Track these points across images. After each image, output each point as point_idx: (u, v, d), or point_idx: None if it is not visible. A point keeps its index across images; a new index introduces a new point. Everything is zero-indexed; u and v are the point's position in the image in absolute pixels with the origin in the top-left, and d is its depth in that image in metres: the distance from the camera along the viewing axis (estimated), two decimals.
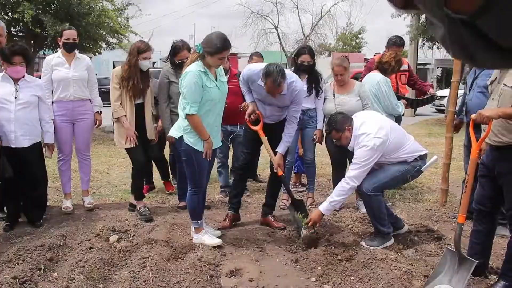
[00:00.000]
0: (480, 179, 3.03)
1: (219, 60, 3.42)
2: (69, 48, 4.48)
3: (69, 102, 4.49)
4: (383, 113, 4.40)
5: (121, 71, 4.22)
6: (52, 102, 4.46)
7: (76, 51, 4.58)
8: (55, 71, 4.44)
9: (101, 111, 4.69)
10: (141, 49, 4.20)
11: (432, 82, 24.69)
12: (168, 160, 5.39)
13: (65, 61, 4.47)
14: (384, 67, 4.64)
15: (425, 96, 5.27)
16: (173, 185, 5.36)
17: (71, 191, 4.81)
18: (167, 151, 5.40)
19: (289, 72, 3.85)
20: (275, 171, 3.97)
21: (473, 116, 2.86)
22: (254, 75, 3.82)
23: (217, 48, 3.35)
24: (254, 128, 3.96)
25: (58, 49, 13.29)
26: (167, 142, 4.61)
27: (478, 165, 3.02)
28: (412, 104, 5.12)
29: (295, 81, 3.80)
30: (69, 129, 4.58)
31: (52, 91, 4.47)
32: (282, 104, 3.91)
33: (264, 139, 3.94)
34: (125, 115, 4.22)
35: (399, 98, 4.97)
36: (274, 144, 3.95)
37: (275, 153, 3.94)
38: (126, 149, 4.37)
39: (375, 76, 4.63)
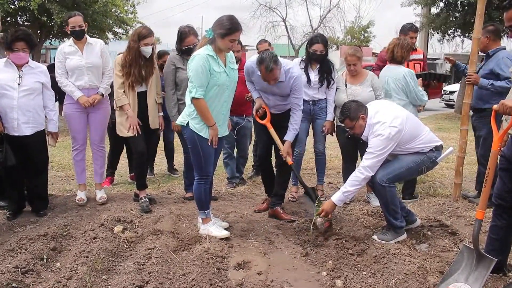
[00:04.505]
0: (500, 172, 2.90)
1: (229, 43, 3.32)
2: (77, 35, 4.29)
3: (84, 91, 4.34)
4: (408, 106, 4.30)
5: (123, 59, 4.12)
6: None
7: (87, 37, 4.37)
8: (68, 60, 4.29)
9: (103, 94, 4.42)
10: (143, 35, 4.09)
11: None
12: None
13: (77, 49, 4.30)
14: (395, 58, 4.45)
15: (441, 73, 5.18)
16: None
17: (85, 182, 4.66)
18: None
19: (285, 60, 3.85)
20: (284, 160, 3.93)
21: (495, 106, 2.71)
22: (253, 65, 3.82)
23: (228, 29, 3.25)
24: (262, 122, 4.04)
25: (65, 38, 13.26)
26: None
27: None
28: (426, 77, 4.98)
29: (292, 68, 3.81)
30: (83, 119, 4.44)
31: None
32: (283, 93, 3.91)
33: (272, 131, 3.99)
34: (129, 103, 4.13)
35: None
36: (282, 134, 3.94)
37: (283, 142, 3.92)
38: (127, 138, 4.26)
39: (400, 69, 4.39)
